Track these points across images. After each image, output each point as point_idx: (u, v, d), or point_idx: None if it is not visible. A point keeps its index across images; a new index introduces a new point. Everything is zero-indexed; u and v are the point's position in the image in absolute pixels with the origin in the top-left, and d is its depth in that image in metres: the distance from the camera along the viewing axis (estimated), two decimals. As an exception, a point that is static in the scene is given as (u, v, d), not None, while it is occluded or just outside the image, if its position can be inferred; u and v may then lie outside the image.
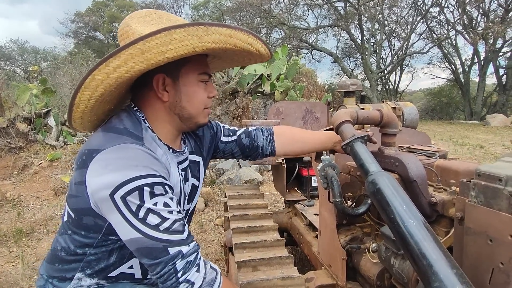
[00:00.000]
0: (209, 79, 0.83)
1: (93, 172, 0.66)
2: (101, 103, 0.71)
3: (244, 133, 1.09)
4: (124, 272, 0.78)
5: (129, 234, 0.65)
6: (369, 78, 17.05)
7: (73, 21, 21.84)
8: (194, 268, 0.68)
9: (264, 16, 17.13)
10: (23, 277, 2.38)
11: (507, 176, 0.62)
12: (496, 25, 13.21)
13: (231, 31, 0.69)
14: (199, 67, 0.79)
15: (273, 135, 1.11)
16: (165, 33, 0.63)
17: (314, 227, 1.70)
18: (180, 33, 0.63)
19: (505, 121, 11.77)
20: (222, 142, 1.05)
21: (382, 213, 0.66)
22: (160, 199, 0.66)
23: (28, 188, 4.50)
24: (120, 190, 0.63)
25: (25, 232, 3.20)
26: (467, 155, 6.52)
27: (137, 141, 0.71)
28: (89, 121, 0.77)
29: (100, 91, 0.66)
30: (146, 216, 0.65)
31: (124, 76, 0.65)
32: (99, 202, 0.67)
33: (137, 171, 0.64)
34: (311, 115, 2.48)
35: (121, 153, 0.66)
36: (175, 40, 0.63)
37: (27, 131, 5.47)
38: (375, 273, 1.04)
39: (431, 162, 0.99)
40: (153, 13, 0.79)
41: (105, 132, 0.72)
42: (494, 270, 0.64)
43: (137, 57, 0.63)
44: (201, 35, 0.65)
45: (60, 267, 0.77)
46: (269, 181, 4.75)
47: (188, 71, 0.77)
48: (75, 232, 0.74)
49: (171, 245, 0.66)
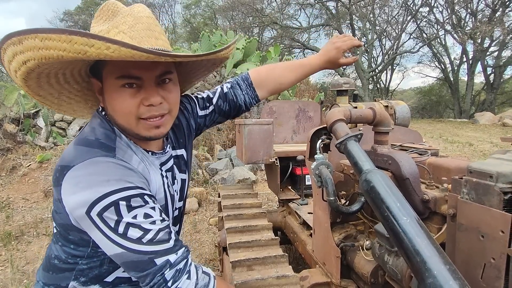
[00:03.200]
0: (142, 82, 0.67)
1: (66, 191, 0.63)
2: (47, 77, 0.66)
3: (221, 98, 0.97)
4: (119, 276, 0.77)
5: (112, 250, 0.64)
6: (360, 77, 17.21)
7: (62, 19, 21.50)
8: (185, 276, 0.66)
9: (256, 15, 17.13)
10: (13, 281, 2.33)
11: (497, 173, 0.63)
12: (483, 25, 13.47)
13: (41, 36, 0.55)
14: (117, 69, 0.65)
15: (252, 85, 0.99)
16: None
17: (308, 226, 1.71)
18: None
19: (493, 119, 12.02)
20: (201, 117, 0.96)
21: (376, 211, 0.66)
22: (140, 211, 0.63)
23: (17, 190, 4.41)
24: (95, 208, 0.61)
25: (14, 235, 3.14)
26: (457, 152, 6.64)
27: (108, 152, 0.66)
28: (75, 109, 0.77)
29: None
30: (126, 230, 0.62)
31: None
32: (78, 219, 0.65)
33: (110, 186, 0.61)
34: (304, 114, 2.49)
35: (91, 169, 0.63)
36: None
37: (16, 132, 5.35)
38: (369, 271, 1.05)
39: (423, 160, 1.01)
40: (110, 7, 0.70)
41: (76, 146, 0.68)
42: (486, 265, 0.65)
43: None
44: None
45: (54, 276, 0.75)
46: (262, 180, 4.75)
47: (107, 74, 0.67)
48: (64, 244, 0.73)
49: (157, 255, 0.64)
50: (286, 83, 1.01)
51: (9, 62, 0.61)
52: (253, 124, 1.94)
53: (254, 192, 2.05)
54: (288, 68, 1.01)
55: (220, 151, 5.46)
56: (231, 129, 5.97)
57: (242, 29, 17.04)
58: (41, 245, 2.96)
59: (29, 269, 2.54)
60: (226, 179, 4.36)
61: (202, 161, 5.09)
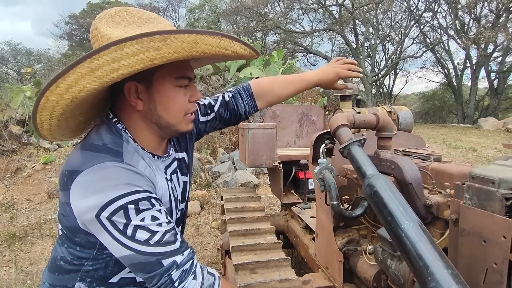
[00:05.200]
0: (190, 82, 0.75)
1: (75, 195, 0.65)
2: (68, 119, 0.67)
3: (222, 106, 1.01)
4: (124, 277, 0.78)
5: (120, 252, 0.65)
6: (363, 82, 17.21)
7: (68, 23, 21.72)
8: (191, 276, 0.67)
9: (259, 19, 17.22)
10: (16, 282, 2.35)
11: (499, 178, 0.64)
12: (487, 30, 13.45)
13: (196, 37, 0.61)
14: (176, 71, 0.71)
15: (253, 96, 1.04)
16: (114, 48, 0.56)
17: (311, 230, 1.71)
18: (132, 47, 0.56)
19: (497, 124, 11.95)
20: (202, 122, 0.99)
21: (379, 215, 0.67)
22: (147, 214, 0.65)
23: (21, 191, 4.44)
24: (104, 212, 0.62)
25: (18, 236, 3.16)
26: (460, 158, 6.61)
27: (116, 157, 0.67)
28: (63, 135, 0.72)
29: (58, 111, 0.61)
30: (134, 233, 0.64)
31: (79, 96, 0.59)
32: (86, 223, 0.66)
33: (119, 191, 0.63)
34: (307, 118, 2.50)
35: (99, 174, 0.64)
36: (127, 55, 0.57)
37: (21, 133, 5.41)
38: (371, 275, 1.05)
39: (426, 165, 1.01)
40: (123, 11, 0.72)
41: (83, 151, 0.69)
42: (488, 270, 0.65)
43: (88, 76, 0.57)
44: (158, 46, 0.58)
45: (60, 277, 0.76)
46: (265, 184, 4.75)
47: (163, 77, 0.71)
48: (70, 246, 0.74)
49: (164, 257, 0.65)
50: (284, 96, 1.08)
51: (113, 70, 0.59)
52: (257, 128, 1.95)
53: (257, 195, 2.06)
54: (287, 81, 1.06)
55: (222, 154, 5.48)
56: (234, 132, 5.99)
57: (245, 33, 17.12)
58: (44, 246, 2.98)
59: (32, 270, 2.56)
60: (228, 182, 4.37)
61: (204, 164, 5.11)
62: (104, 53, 0.56)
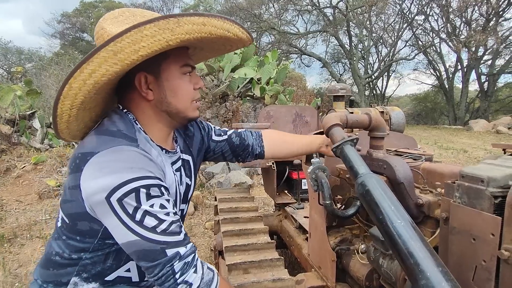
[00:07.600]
0: (193, 70, 0.81)
1: (87, 176, 0.65)
2: (85, 110, 0.70)
3: (234, 133, 1.09)
4: (121, 276, 0.77)
5: (126, 237, 0.65)
6: (357, 83, 17.36)
7: (60, 21, 21.44)
8: (192, 269, 0.68)
9: (254, 20, 17.24)
10: (5, 285, 2.30)
11: (488, 177, 0.65)
12: (478, 33, 13.71)
13: (204, 19, 0.67)
14: (180, 59, 0.77)
15: (261, 137, 1.12)
16: (135, 31, 0.61)
17: (304, 230, 1.72)
18: (150, 29, 0.62)
19: (487, 126, 12.16)
20: (214, 141, 1.05)
21: (371, 214, 0.67)
22: (157, 201, 0.66)
23: (10, 192, 4.36)
24: (116, 193, 0.63)
25: (6, 237, 3.10)
26: (452, 159, 6.70)
27: (131, 142, 0.70)
28: (77, 130, 0.75)
29: (80, 98, 0.65)
30: (143, 218, 0.64)
31: (101, 81, 0.63)
32: (94, 205, 0.66)
33: (133, 173, 0.64)
34: (301, 119, 2.51)
35: (116, 156, 0.66)
36: (146, 37, 0.62)
37: (10, 133, 5.31)
38: (364, 274, 1.06)
39: (418, 165, 1.03)
40: (126, 12, 0.77)
41: (98, 135, 0.71)
42: (477, 267, 0.66)
43: (110, 59, 0.62)
44: (172, 28, 0.63)
45: (55, 272, 0.75)
46: (259, 184, 4.75)
47: (169, 65, 0.75)
48: (69, 237, 0.73)
49: (168, 246, 0.66)
50: (289, 155, 1.16)
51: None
52: (250, 128, 1.95)
53: (250, 196, 2.06)
54: (296, 143, 1.12)
55: (216, 155, 5.45)
56: (228, 133, 5.97)
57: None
58: (34, 248, 2.93)
59: (21, 272, 2.51)
60: (222, 183, 4.36)
61: (198, 164, 5.08)
62: (126, 36, 0.61)
